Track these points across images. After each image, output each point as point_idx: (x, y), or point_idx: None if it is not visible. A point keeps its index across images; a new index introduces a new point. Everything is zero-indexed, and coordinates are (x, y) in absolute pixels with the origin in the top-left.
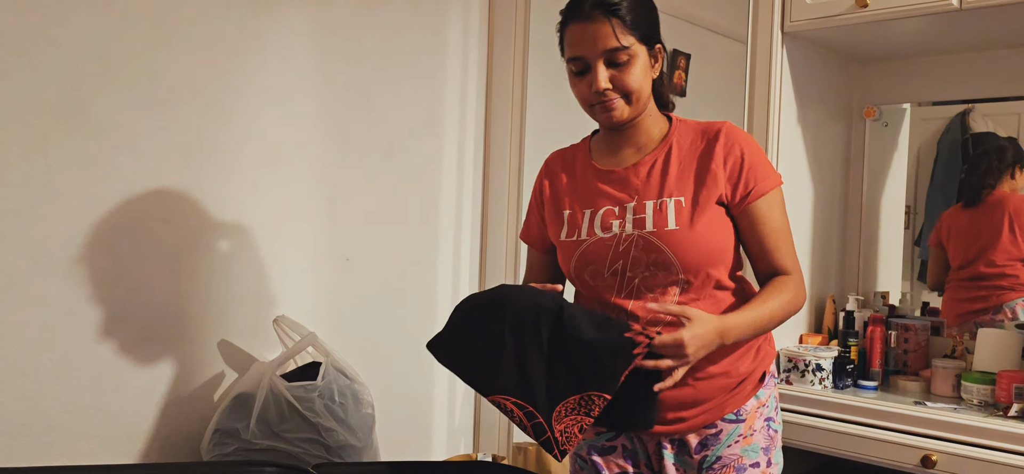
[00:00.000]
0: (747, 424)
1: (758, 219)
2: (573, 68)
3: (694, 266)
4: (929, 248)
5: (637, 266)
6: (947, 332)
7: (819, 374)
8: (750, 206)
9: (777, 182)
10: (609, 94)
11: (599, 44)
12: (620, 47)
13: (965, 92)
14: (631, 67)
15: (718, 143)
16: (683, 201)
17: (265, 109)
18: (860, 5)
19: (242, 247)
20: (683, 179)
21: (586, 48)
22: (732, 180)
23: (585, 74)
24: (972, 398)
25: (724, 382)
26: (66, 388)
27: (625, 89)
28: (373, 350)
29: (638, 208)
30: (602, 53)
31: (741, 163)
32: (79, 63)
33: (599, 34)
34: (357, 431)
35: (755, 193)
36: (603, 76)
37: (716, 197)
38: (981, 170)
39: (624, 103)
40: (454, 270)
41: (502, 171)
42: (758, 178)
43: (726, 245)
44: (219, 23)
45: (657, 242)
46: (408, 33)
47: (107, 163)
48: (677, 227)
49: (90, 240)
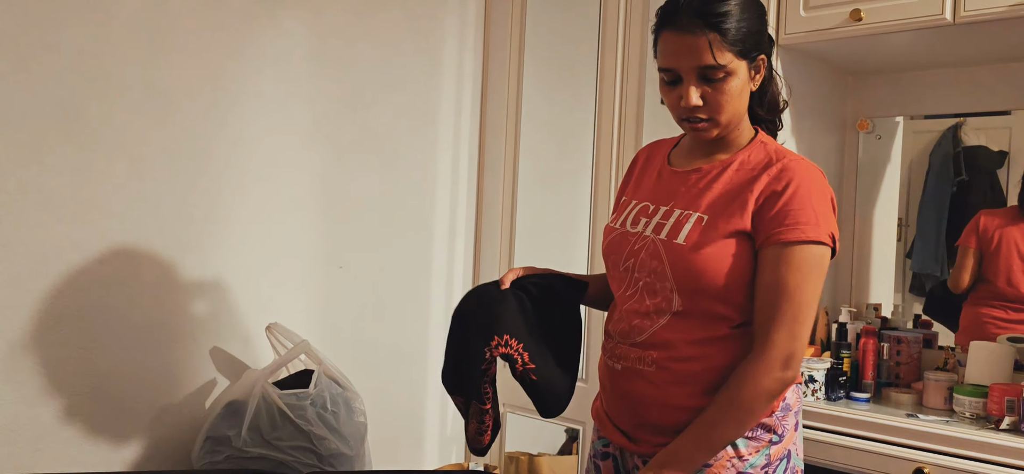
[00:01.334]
0: (712, 472)
1: (765, 267)
2: (664, 77)
3: (687, 288)
4: (958, 247)
5: (643, 269)
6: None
7: (812, 386)
8: (764, 249)
9: (808, 237)
10: (697, 113)
11: (693, 59)
12: (716, 66)
13: (957, 106)
14: (726, 85)
15: (768, 173)
16: (705, 219)
17: (259, 117)
18: (854, 19)
19: (235, 254)
20: (719, 199)
21: (679, 60)
22: (762, 214)
23: (676, 86)
24: (964, 411)
25: (689, 419)
26: (57, 395)
27: (717, 109)
28: (366, 359)
29: (667, 213)
30: (696, 68)
31: (778, 199)
32: (74, 70)
33: (694, 48)
34: (349, 439)
35: (776, 237)
36: (695, 94)
37: (739, 228)
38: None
39: (713, 124)
40: (448, 279)
41: (496, 179)
42: (785, 223)
43: (731, 280)
44: (214, 31)
45: (661, 251)
46: (403, 42)
47: (102, 170)
48: (684, 243)
49: (83, 246)
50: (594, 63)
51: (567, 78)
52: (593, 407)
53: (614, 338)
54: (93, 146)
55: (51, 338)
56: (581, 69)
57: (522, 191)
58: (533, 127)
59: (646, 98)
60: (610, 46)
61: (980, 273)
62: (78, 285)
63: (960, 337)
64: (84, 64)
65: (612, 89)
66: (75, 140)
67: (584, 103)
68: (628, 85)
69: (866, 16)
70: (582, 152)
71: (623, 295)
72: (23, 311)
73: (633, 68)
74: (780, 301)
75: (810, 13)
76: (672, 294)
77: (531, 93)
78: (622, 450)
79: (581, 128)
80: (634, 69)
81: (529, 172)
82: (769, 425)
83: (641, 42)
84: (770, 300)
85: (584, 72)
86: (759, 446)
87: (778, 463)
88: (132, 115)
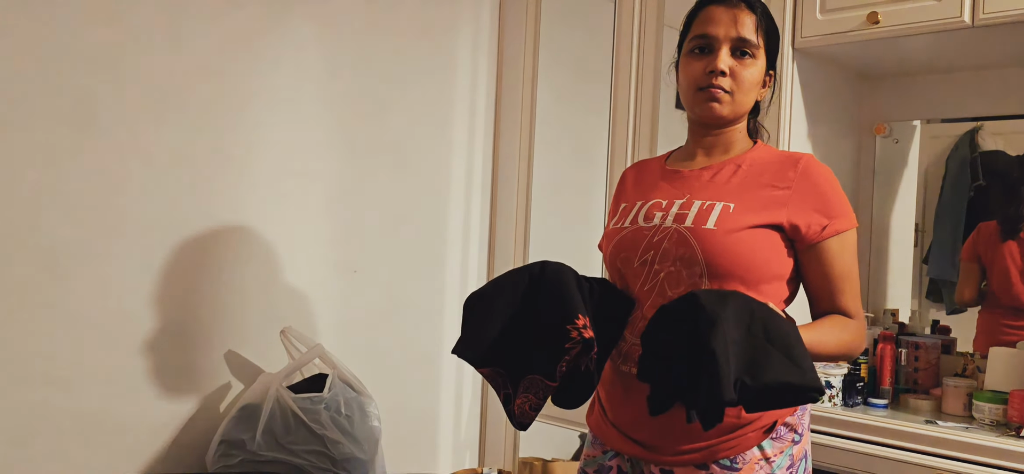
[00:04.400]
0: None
1: (827, 259)
2: (695, 45)
3: (720, 273)
4: (961, 262)
5: (665, 259)
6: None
7: (829, 391)
8: (821, 244)
9: (852, 223)
10: (721, 80)
11: (735, 29)
12: (752, 41)
13: (975, 110)
14: (751, 68)
15: (795, 171)
16: (731, 207)
17: (274, 119)
18: (871, 22)
19: (250, 257)
20: (742, 191)
21: (720, 28)
22: (804, 214)
23: (705, 54)
24: (984, 417)
25: (724, 422)
26: (73, 397)
27: (739, 84)
28: (380, 363)
29: (685, 205)
30: (734, 39)
31: (817, 198)
32: (89, 72)
33: (739, 19)
34: (363, 444)
35: (829, 231)
36: (725, 59)
37: (773, 220)
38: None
39: (730, 98)
40: (462, 283)
41: (511, 183)
42: (833, 216)
43: (765, 268)
44: (228, 33)
45: (690, 237)
46: (417, 45)
47: (116, 172)
48: (715, 228)
49: (98, 249)
50: (609, 67)
51: (581, 82)
52: (590, 419)
53: (627, 340)
54: (107, 148)
55: (64, 341)
56: (595, 73)
57: (536, 195)
58: (547, 131)
59: (661, 103)
60: (624, 50)
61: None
62: (91, 288)
63: (978, 343)
64: (99, 66)
65: (627, 93)
66: (89, 142)
67: (599, 107)
68: (643, 89)
69: (883, 19)
70: (597, 156)
71: (641, 291)
72: (37, 313)
73: (648, 72)
74: (848, 283)
75: (827, 16)
76: (701, 280)
77: (545, 97)
78: (634, 460)
79: (595, 132)
80: (649, 73)
81: (543, 176)
82: (792, 424)
83: (655, 46)
84: (841, 284)
85: (598, 76)
86: (783, 446)
87: (799, 464)
88: (146, 117)
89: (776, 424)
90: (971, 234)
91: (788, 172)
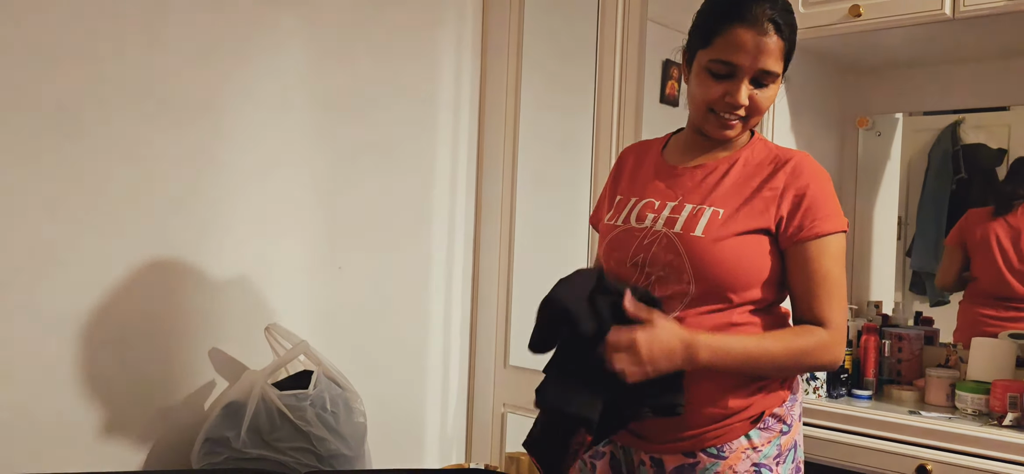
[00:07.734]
0: (728, 464)
1: (805, 260)
2: (716, 69)
3: (707, 281)
4: (945, 246)
5: (655, 264)
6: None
7: (813, 383)
8: (800, 245)
9: (837, 227)
10: (738, 111)
11: (760, 60)
12: (774, 72)
13: (957, 102)
14: (769, 92)
15: (784, 171)
16: (720, 213)
17: (258, 117)
18: (853, 14)
19: (234, 254)
20: (733, 194)
21: (745, 58)
22: (788, 213)
23: (725, 80)
24: (966, 407)
25: (711, 412)
26: (56, 396)
27: (755, 111)
28: (365, 359)
29: (677, 208)
30: (758, 70)
31: (802, 198)
32: (72, 71)
33: (765, 49)
34: (349, 440)
35: (808, 232)
36: (745, 92)
37: (761, 224)
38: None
39: (742, 123)
40: (447, 278)
41: (495, 180)
42: (816, 218)
43: (752, 274)
44: (212, 32)
45: (678, 244)
46: (402, 43)
47: (99, 171)
48: (702, 236)
49: (81, 248)
50: (592, 64)
51: (565, 79)
52: None
53: None
54: (89, 146)
55: (48, 340)
56: (580, 67)
57: (521, 192)
58: (531, 128)
59: (644, 99)
60: (608, 47)
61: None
62: (74, 286)
63: (958, 334)
64: (82, 65)
65: (610, 88)
66: (72, 141)
67: (582, 105)
68: (627, 84)
69: (865, 12)
70: (581, 153)
71: None
72: (19, 312)
73: (632, 66)
74: (825, 288)
75: (809, 9)
76: (689, 286)
77: (529, 94)
78: (626, 448)
79: (579, 129)
80: (632, 67)
81: (528, 173)
82: (780, 415)
83: (639, 40)
84: (817, 288)
85: (583, 70)
86: (771, 436)
87: (788, 453)
88: (129, 115)
89: (764, 414)
90: (959, 220)
91: (779, 172)
